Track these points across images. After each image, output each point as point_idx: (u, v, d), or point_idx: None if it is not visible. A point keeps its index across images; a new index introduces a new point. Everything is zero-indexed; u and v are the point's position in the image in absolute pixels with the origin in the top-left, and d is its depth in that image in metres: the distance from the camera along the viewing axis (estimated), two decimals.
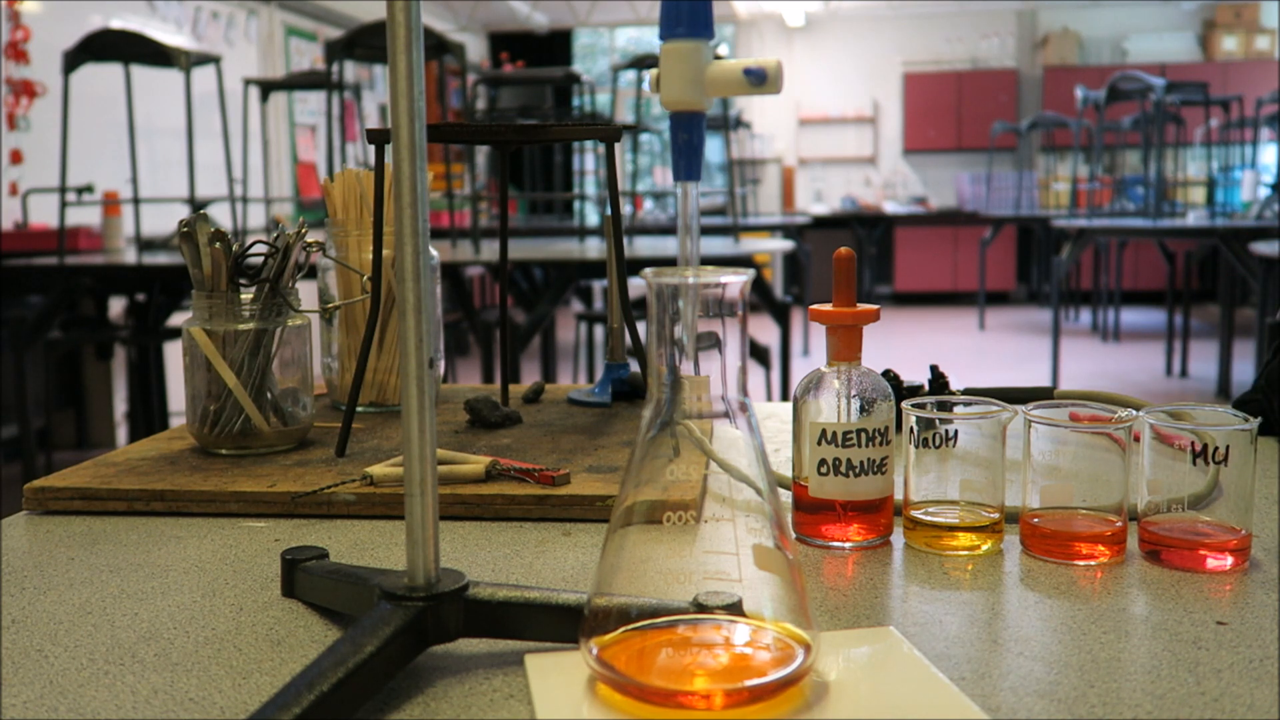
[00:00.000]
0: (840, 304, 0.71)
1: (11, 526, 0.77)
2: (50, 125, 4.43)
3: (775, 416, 1.09)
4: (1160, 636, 0.56)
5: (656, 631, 0.48)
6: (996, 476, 0.69)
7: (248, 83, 4.96)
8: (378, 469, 0.80)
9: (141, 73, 4.20)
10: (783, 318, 3.98)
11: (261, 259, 0.91)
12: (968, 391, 0.95)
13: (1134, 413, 0.67)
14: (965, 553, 0.68)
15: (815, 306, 0.72)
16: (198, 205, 3.92)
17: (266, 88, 4.96)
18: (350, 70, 6.72)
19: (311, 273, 1.03)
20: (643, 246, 4.09)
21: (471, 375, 6.19)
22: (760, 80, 0.47)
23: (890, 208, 9.87)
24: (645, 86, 0.48)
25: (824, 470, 0.69)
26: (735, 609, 0.48)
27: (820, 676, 0.48)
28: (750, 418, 0.48)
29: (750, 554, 0.48)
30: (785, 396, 4.04)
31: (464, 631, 0.53)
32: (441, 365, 1.37)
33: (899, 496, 0.71)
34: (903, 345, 6.97)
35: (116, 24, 4.81)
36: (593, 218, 5.30)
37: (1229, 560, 0.65)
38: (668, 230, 5.98)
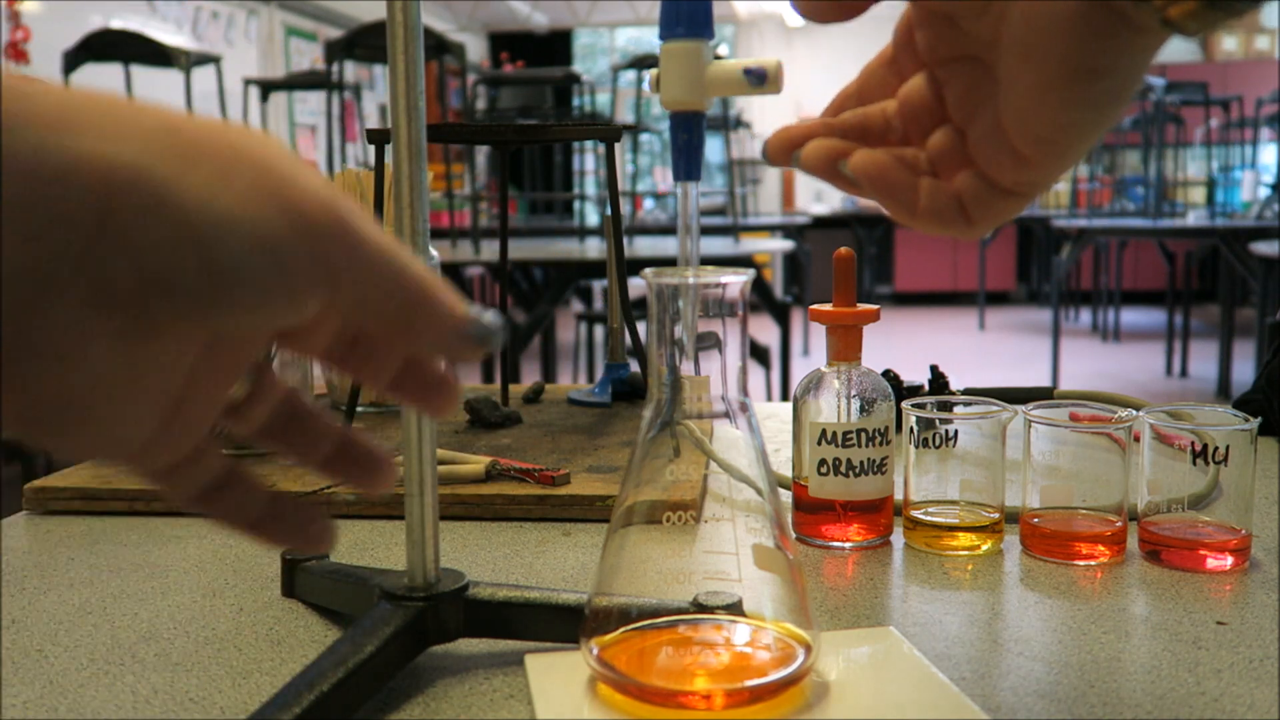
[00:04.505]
0: (840, 304, 0.71)
1: (11, 526, 0.77)
2: None
3: (775, 416, 1.09)
4: (1160, 636, 0.56)
5: (657, 631, 0.48)
6: (996, 476, 0.69)
7: (248, 83, 4.96)
8: None
9: (141, 73, 4.20)
10: (783, 318, 3.98)
11: None
12: (968, 391, 0.95)
13: (1134, 413, 0.67)
14: (965, 553, 0.68)
15: (815, 306, 0.72)
16: None
17: (266, 88, 4.96)
18: (350, 70, 6.72)
19: None
20: (643, 246, 4.08)
21: (471, 375, 6.19)
22: (760, 80, 0.47)
23: None
24: (645, 86, 0.47)
25: (824, 470, 0.69)
26: (735, 609, 0.48)
27: (820, 676, 0.48)
28: (750, 418, 0.48)
29: (750, 554, 0.48)
30: (785, 396, 4.04)
31: (464, 631, 0.53)
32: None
33: (899, 496, 0.71)
34: (903, 345, 6.97)
35: (116, 24, 4.80)
36: (593, 218, 5.30)
37: (1229, 560, 0.65)
38: (668, 230, 5.98)
